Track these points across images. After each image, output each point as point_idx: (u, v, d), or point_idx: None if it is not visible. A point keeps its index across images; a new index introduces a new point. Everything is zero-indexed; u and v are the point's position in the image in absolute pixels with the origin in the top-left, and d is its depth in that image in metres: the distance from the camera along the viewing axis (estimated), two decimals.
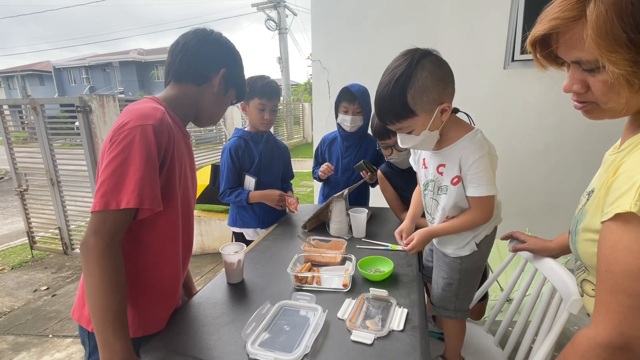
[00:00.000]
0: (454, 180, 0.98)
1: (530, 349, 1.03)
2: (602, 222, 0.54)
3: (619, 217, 0.50)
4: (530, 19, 2.21)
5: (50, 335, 2.30)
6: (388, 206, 1.74)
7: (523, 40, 2.26)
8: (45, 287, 3.01)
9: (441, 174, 1.01)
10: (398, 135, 0.99)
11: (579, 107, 0.58)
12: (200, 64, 0.89)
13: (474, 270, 1.09)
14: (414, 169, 1.19)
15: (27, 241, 3.78)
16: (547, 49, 0.57)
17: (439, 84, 0.89)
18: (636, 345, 0.49)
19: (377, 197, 1.99)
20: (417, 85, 0.87)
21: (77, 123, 3.24)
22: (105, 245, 0.70)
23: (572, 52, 0.53)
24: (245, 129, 1.70)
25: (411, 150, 1.16)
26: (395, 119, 0.92)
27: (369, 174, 1.70)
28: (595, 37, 0.48)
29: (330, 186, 1.88)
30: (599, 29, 0.47)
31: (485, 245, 1.08)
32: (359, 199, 1.91)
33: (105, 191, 0.70)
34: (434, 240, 1.15)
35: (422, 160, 1.09)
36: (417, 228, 1.51)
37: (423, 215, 1.45)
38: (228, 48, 0.93)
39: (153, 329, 0.86)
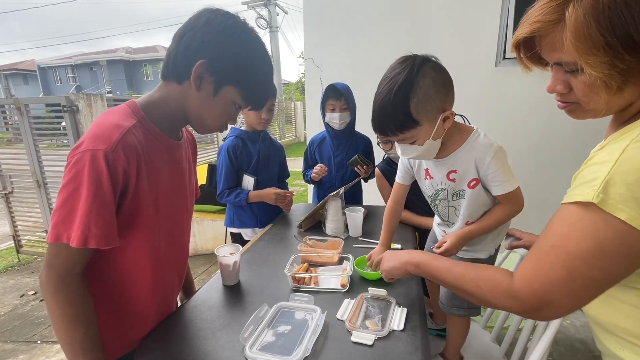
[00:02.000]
0: (472, 184, 0.97)
1: (527, 345, 1.04)
2: (562, 204, 0.55)
3: (578, 205, 0.51)
4: (521, 16, 2.22)
5: (39, 341, 2.24)
6: (382, 204, 1.73)
7: None
8: (32, 292, 2.93)
9: (453, 180, 0.99)
10: (399, 146, 0.95)
11: (562, 107, 0.60)
12: (180, 55, 0.72)
13: (486, 264, 1.09)
14: (403, 182, 1.15)
15: (13, 245, 3.68)
16: (530, 51, 0.58)
17: (441, 91, 0.86)
18: (547, 310, 0.53)
19: (371, 195, 1.99)
20: (420, 94, 0.83)
21: (63, 123, 3.16)
22: (59, 280, 0.66)
23: (554, 54, 0.54)
24: (242, 128, 1.67)
25: (403, 164, 1.13)
26: (398, 130, 0.88)
27: (364, 167, 1.69)
28: (574, 41, 0.48)
29: (324, 187, 1.87)
30: (577, 32, 0.48)
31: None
32: (353, 197, 1.90)
33: (56, 222, 0.64)
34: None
35: (425, 171, 1.06)
36: (418, 229, 1.53)
37: (428, 215, 1.45)
38: (217, 33, 0.71)
39: (125, 349, 0.81)
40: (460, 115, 1.07)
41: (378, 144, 1.58)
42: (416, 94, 0.84)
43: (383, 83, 0.87)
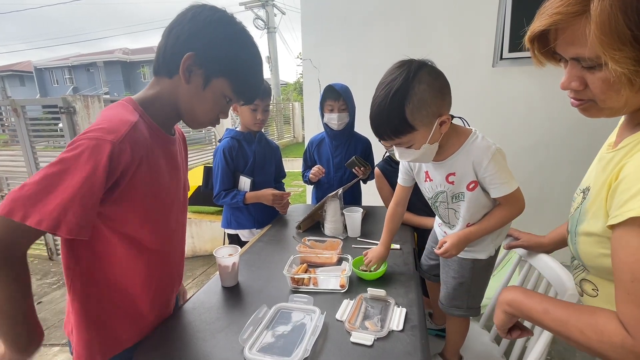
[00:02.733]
0: (471, 186, 0.97)
1: (526, 344, 1.04)
2: (612, 226, 0.52)
3: (634, 222, 0.48)
4: (518, 16, 2.24)
5: None
6: (381, 204, 1.73)
7: (511, 38, 2.29)
8: None
9: (452, 183, 0.99)
10: (396, 149, 0.96)
11: (576, 105, 0.57)
12: (169, 49, 0.73)
13: (486, 267, 1.09)
14: (404, 184, 1.15)
15: None
16: (545, 45, 0.55)
17: (438, 97, 0.87)
18: None
19: (370, 196, 1.99)
20: (415, 99, 0.84)
21: (60, 125, 3.15)
22: (2, 259, 0.60)
23: (572, 49, 0.52)
24: (237, 129, 1.67)
25: (404, 166, 1.13)
26: (394, 134, 0.88)
27: (362, 169, 1.70)
28: (599, 34, 0.46)
29: (323, 188, 1.87)
30: (603, 25, 0.46)
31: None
32: (351, 197, 1.90)
33: (18, 196, 0.58)
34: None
35: (425, 174, 1.06)
36: (417, 229, 1.53)
37: (427, 215, 1.45)
38: (203, 26, 0.72)
39: (119, 348, 0.80)
40: (460, 118, 1.07)
41: (380, 140, 1.58)
42: (412, 99, 0.84)
43: (380, 88, 0.88)
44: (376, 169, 1.63)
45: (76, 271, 0.73)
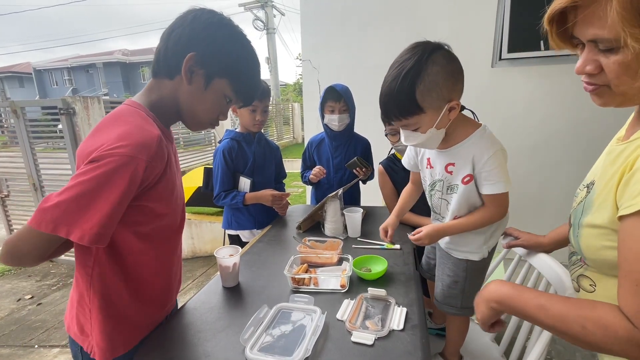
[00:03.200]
0: (465, 179, 0.96)
1: (526, 344, 1.04)
2: (623, 217, 0.52)
3: None
4: (517, 17, 2.25)
5: (36, 346, 2.23)
6: (381, 204, 1.74)
7: (510, 39, 2.29)
8: (29, 296, 2.91)
9: (450, 173, 0.99)
10: (402, 132, 0.95)
11: (589, 90, 0.57)
12: (169, 50, 0.75)
13: (480, 268, 1.09)
14: (408, 168, 1.17)
15: None
16: (562, 26, 0.55)
17: (450, 80, 0.86)
18: None
19: (369, 196, 1.99)
20: (427, 80, 0.83)
21: (60, 126, 3.15)
22: (34, 261, 0.69)
23: (590, 30, 0.51)
24: (237, 130, 1.67)
25: (411, 149, 1.14)
26: (402, 115, 0.87)
27: (363, 170, 1.70)
28: (620, 10, 0.46)
29: (322, 189, 1.87)
30: (625, 1, 0.45)
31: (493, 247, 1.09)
32: (351, 198, 1.91)
33: (57, 215, 0.62)
34: (441, 241, 1.13)
35: (427, 160, 1.06)
36: (416, 228, 1.53)
37: (428, 215, 1.46)
38: (204, 27, 0.74)
39: (139, 337, 0.83)
40: (471, 111, 1.07)
41: (386, 135, 1.58)
42: (423, 80, 0.83)
43: (392, 67, 0.87)
44: (379, 167, 1.63)
45: (95, 269, 0.75)
